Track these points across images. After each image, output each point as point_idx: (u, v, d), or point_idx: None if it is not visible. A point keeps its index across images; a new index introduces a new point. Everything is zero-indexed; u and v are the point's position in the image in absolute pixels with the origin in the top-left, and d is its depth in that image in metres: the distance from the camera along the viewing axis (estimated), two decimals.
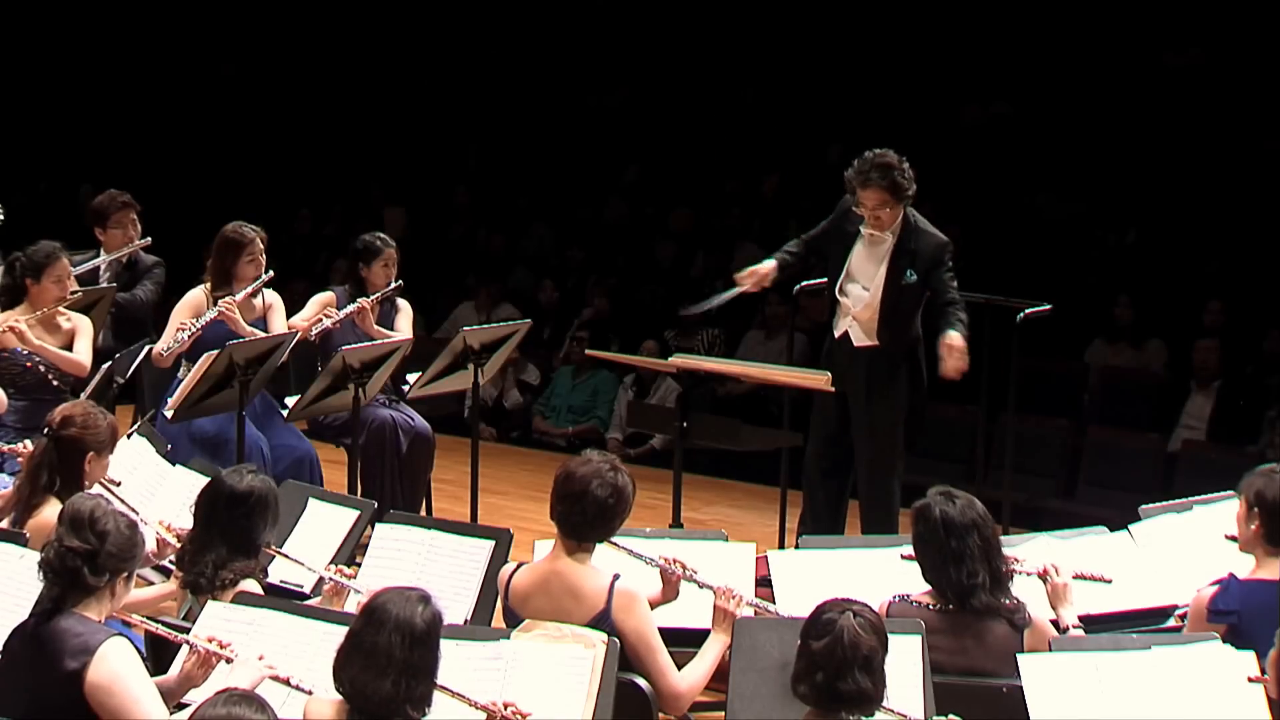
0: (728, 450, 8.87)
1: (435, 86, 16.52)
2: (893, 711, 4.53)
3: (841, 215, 7.72)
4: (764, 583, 6.02)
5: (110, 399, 7.91)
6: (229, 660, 4.72)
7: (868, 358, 7.59)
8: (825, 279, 7.82)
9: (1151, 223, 12.72)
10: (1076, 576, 5.57)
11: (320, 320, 8.12)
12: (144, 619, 4.99)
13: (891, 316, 7.54)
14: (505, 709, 4.60)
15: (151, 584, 6.00)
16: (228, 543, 5.41)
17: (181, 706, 4.70)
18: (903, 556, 5.41)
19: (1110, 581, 5.74)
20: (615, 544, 5.45)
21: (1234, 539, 5.48)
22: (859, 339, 7.61)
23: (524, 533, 6.31)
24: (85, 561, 4.55)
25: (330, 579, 5.54)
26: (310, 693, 4.51)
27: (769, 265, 7.80)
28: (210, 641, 4.78)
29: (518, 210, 15.01)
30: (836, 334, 7.69)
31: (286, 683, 4.64)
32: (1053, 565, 5.55)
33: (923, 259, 7.51)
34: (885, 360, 7.58)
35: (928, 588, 5.27)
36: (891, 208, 7.47)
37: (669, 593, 5.55)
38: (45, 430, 5.87)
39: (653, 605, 5.40)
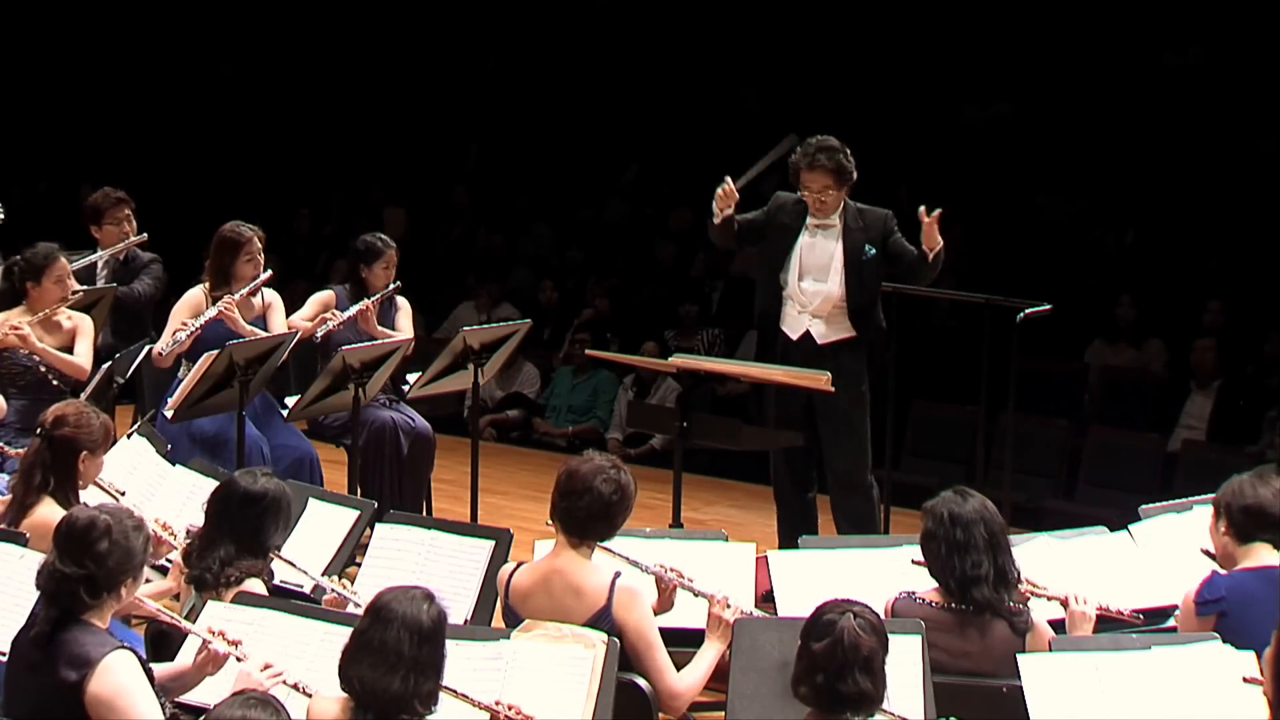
0: (728, 450, 8.87)
1: (435, 86, 16.52)
2: (892, 714, 4.53)
3: (776, 209, 7.75)
4: (768, 598, 6.00)
5: (110, 399, 7.91)
6: (240, 659, 4.71)
7: (833, 353, 7.59)
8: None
9: (1151, 223, 12.73)
10: (1100, 611, 5.55)
11: (324, 321, 8.12)
12: (158, 609, 4.97)
13: (858, 296, 7.56)
14: (509, 710, 4.60)
15: (150, 582, 6.00)
16: (236, 542, 5.43)
17: (196, 711, 4.69)
18: (914, 561, 5.40)
19: (1139, 621, 5.71)
20: (611, 551, 5.45)
21: (1211, 555, 5.52)
22: (823, 335, 7.62)
23: (524, 533, 6.32)
24: (81, 585, 4.50)
25: (332, 590, 5.54)
26: (310, 695, 4.50)
27: (733, 207, 7.75)
28: (219, 636, 4.77)
29: (518, 210, 15.01)
30: (795, 335, 7.67)
31: (295, 688, 4.64)
32: (1075, 595, 5.51)
33: (874, 231, 7.61)
34: (850, 353, 7.59)
35: (934, 586, 5.27)
36: (836, 190, 7.55)
37: (664, 603, 5.53)
38: (38, 430, 5.87)
39: None
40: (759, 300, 7.84)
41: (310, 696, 4.57)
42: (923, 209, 7.46)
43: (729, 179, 7.77)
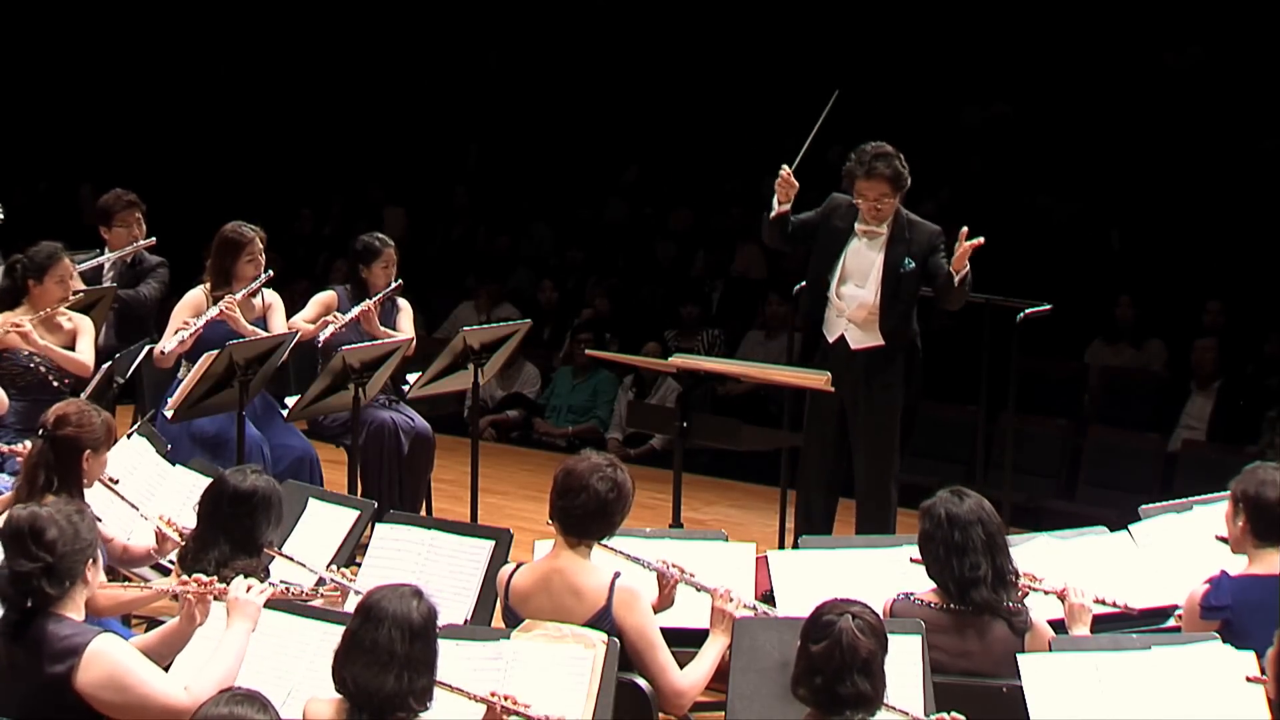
0: (728, 450, 8.87)
1: (435, 86, 16.52)
2: (894, 709, 4.52)
3: (830, 212, 7.73)
4: (767, 598, 5.99)
5: (110, 399, 7.91)
6: (219, 597, 4.73)
7: (865, 360, 7.59)
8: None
9: (1151, 223, 12.72)
10: (1098, 601, 5.54)
11: (326, 324, 8.11)
12: (130, 584, 4.98)
13: (891, 306, 7.55)
14: (504, 699, 4.61)
15: (149, 582, 6.00)
16: (230, 541, 5.42)
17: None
18: (912, 560, 5.40)
19: (1135, 613, 5.71)
20: (611, 548, 5.45)
21: (1225, 540, 5.50)
22: (856, 341, 7.61)
23: (524, 533, 6.32)
24: (41, 578, 4.47)
25: (332, 580, 5.55)
26: (316, 593, 4.52)
27: (790, 199, 7.70)
28: (193, 581, 4.80)
29: (518, 210, 15.02)
30: (831, 339, 7.68)
31: (287, 594, 4.67)
32: (1074, 587, 5.50)
33: (918, 245, 7.58)
34: (884, 361, 7.59)
35: (932, 587, 5.27)
36: (891, 199, 7.53)
37: (664, 602, 5.53)
38: (40, 431, 5.86)
39: None
40: (805, 301, 7.84)
41: (300, 594, 4.71)
42: (965, 231, 7.42)
43: (785, 166, 7.70)
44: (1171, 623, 5.87)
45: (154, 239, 9.10)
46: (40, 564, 4.47)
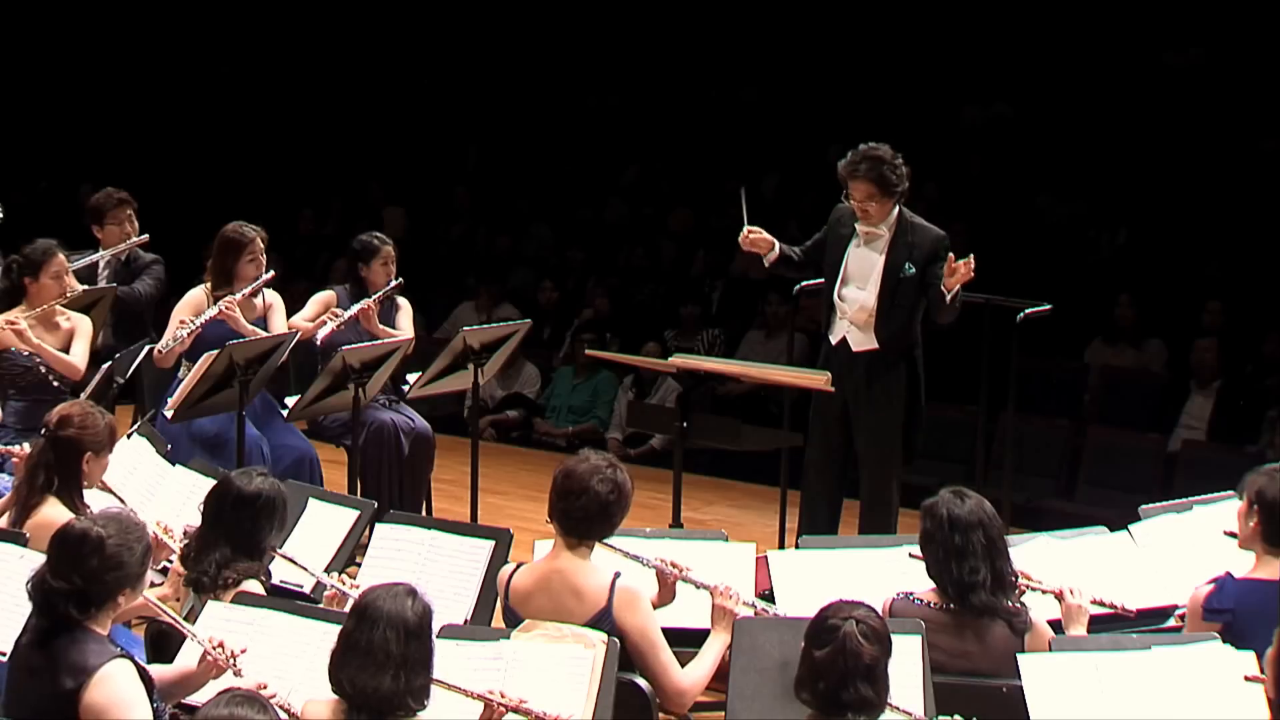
0: (728, 450, 8.86)
1: (435, 86, 16.53)
2: (898, 709, 4.52)
3: (835, 221, 7.72)
4: (766, 597, 5.99)
5: (110, 399, 7.91)
6: (236, 674, 4.70)
7: (866, 362, 7.57)
8: (822, 280, 7.83)
9: (1151, 223, 12.73)
10: (1095, 603, 5.54)
11: (324, 323, 8.11)
12: (171, 616, 4.96)
13: (889, 311, 7.52)
14: (500, 696, 4.61)
15: (150, 585, 6.00)
16: (232, 543, 5.42)
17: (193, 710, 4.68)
18: (910, 555, 5.41)
19: (1133, 614, 5.71)
20: (611, 546, 5.45)
21: (1233, 535, 5.49)
22: (857, 343, 7.59)
23: (524, 533, 6.31)
24: (70, 600, 4.46)
25: (333, 586, 5.54)
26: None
27: (772, 243, 7.76)
28: (220, 648, 4.76)
29: (518, 210, 15.02)
30: (834, 340, 7.66)
31: (286, 710, 4.63)
32: (1069, 588, 5.49)
33: (920, 251, 7.51)
34: (884, 364, 7.57)
35: (932, 586, 5.27)
36: (879, 201, 7.47)
37: (665, 596, 5.54)
38: (43, 431, 5.86)
39: None
40: (822, 307, 7.84)
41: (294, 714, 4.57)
42: (952, 258, 7.36)
43: (745, 230, 7.68)
44: (1172, 623, 5.87)
45: (147, 236, 9.10)
46: (72, 587, 4.46)
